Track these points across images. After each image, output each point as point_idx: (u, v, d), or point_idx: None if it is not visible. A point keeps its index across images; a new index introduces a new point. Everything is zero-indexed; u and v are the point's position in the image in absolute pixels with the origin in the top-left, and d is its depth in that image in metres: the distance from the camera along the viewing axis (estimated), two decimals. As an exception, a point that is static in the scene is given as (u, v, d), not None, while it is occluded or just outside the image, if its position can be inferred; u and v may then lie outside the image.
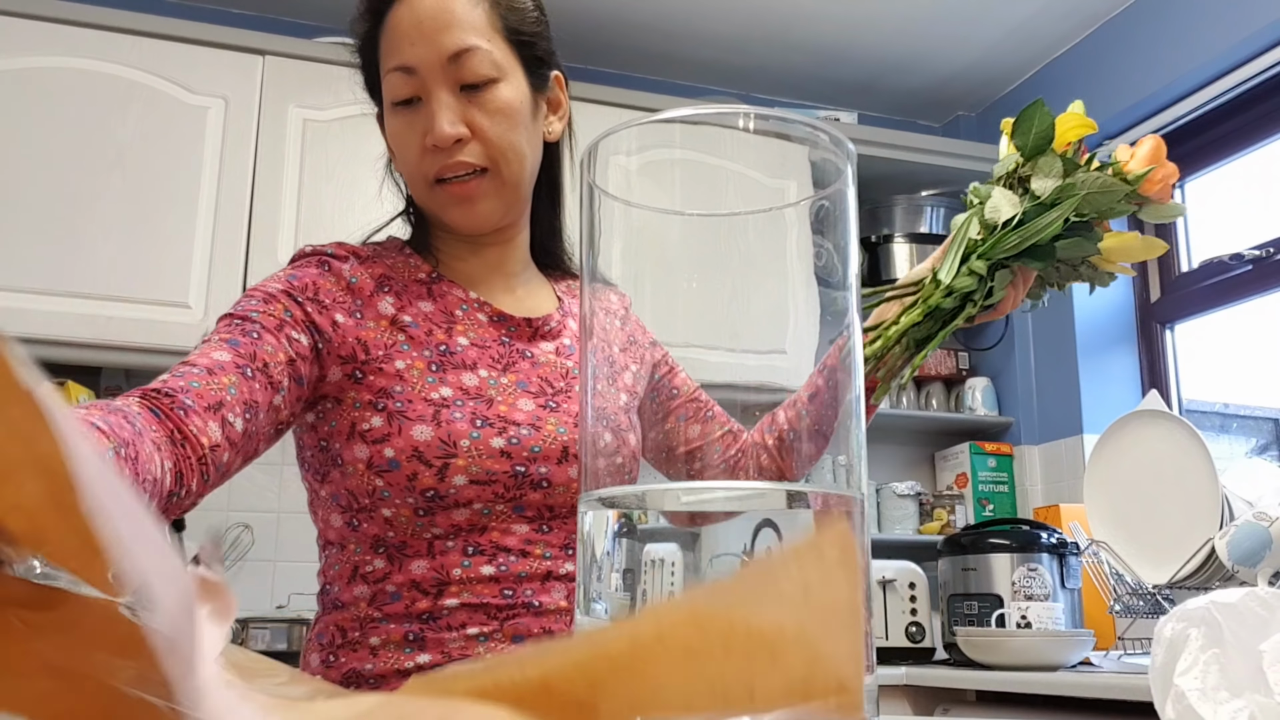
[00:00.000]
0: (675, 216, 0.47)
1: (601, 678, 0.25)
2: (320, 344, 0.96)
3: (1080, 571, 2.47)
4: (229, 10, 3.02)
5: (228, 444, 0.85)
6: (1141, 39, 2.95)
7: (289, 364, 0.92)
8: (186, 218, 2.50)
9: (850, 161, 0.46)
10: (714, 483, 0.46)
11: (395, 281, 1.04)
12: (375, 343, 0.98)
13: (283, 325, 0.94)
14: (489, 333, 1.04)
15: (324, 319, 0.97)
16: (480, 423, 0.96)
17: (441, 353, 1.00)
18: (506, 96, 1.00)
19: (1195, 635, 0.37)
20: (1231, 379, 3.06)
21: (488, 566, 0.95)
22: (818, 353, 0.46)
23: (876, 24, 3.11)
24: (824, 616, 0.25)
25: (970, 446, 3.23)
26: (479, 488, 0.94)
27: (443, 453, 0.94)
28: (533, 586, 0.96)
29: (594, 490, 0.45)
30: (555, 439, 0.98)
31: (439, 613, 0.94)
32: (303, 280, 0.99)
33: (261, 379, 0.90)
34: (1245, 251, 2.80)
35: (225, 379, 0.86)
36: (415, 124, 1.00)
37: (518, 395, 1.00)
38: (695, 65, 3.32)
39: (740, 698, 0.24)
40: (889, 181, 3.25)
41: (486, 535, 0.96)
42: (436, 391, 0.96)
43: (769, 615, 0.25)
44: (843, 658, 0.24)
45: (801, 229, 0.46)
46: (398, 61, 1.00)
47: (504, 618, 0.94)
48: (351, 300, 1.00)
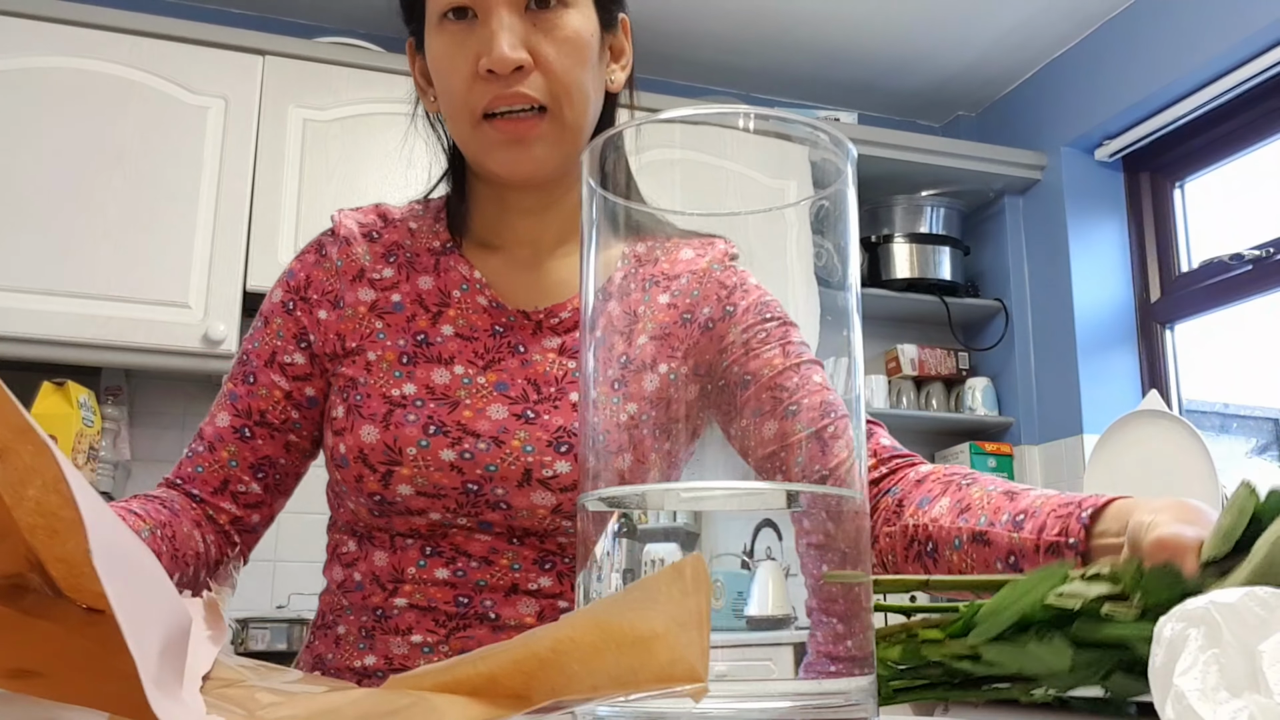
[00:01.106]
0: (675, 216, 0.47)
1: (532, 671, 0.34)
2: (312, 346, 0.94)
3: (1080, 571, 2.46)
4: (229, 10, 3.02)
5: (247, 509, 0.92)
6: (1141, 39, 2.95)
7: (286, 398, 0.93)
8: (186, 218, 2.50)
9: (850, 161, 0.46)
10: (714, 483, 0.46)
11: (404, 252, 0.95)
12: (351, 333, 0.92)
13: (275, 354, 0.94)
14: (481, 320, 0.92)
15: (310, 319, 0.94)
16: (433, 429, 0.86)
17: (418, 343, 0.91)
18: (576, 25, 0.87)
19: (1195, 635, 0.37)
20: (1231, 379, 3.06)
21: (443, 570, 0.87)
22: (818, 353, 0.46)
23: (876, 24, 3.11)
24: (682, 621, 0.33)
25: (970, 446, 3.23)
26: (428, 499, 0.86)
27: (387, 458, 0.86)
28: (493, 598, 0.86)
29: (594, 490, 0.45)
30: (517, 459, 0.86)
31: (390, 611, 0.88)
32: (298, 277, 0.96)
33: (262, 432, 0.92)
34: (1245, 251, 2.80)
35: (225, 452, 0.92)
36: (468, 43, 0.86)
37: (490, 400, 0.88)
38: (695, 65, 3.31)
39: (628, 681, 0.33)
40: (889, 181, 3.25)
41: (448, 539, 0.87)
42: (399, 388, 0.89)
43: (647, 621, 0.33)
44: (696, 652, 0.33)
45: (801, 229, 0.46)
46: None
47: (453, 628, 0.86)
48: (338, 287, 0.94)
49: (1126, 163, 3.20)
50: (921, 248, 3.26)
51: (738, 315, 0.81)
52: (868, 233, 3.28)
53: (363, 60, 2.74)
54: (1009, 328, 3.30)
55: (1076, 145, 3.19)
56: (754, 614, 0.42)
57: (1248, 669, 0.36)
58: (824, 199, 0.46)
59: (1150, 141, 3.04)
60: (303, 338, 0.94)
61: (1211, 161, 2.99)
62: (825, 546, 0.43)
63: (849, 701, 0.41)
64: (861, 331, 0.46)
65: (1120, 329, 3.13)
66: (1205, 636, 0.37)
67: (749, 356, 0.80)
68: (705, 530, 0.43)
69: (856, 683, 0.42)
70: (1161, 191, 3.16)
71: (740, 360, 0.79)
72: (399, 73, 2.75)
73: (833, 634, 0.42)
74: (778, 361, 0.77)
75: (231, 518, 0.92)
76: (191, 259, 2.49)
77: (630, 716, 0.40)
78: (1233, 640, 0.37)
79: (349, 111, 2.68)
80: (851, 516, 0.44)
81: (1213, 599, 0.38)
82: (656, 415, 0.45)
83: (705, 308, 0.75)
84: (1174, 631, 0.38)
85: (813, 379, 0.73)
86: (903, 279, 3.23)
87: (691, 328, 0.74)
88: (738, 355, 0.80)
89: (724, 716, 0.39)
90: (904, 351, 3.30)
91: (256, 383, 0.93)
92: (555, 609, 0.87)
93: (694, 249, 0.79)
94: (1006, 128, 3.42)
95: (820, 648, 0.42)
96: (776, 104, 3.43)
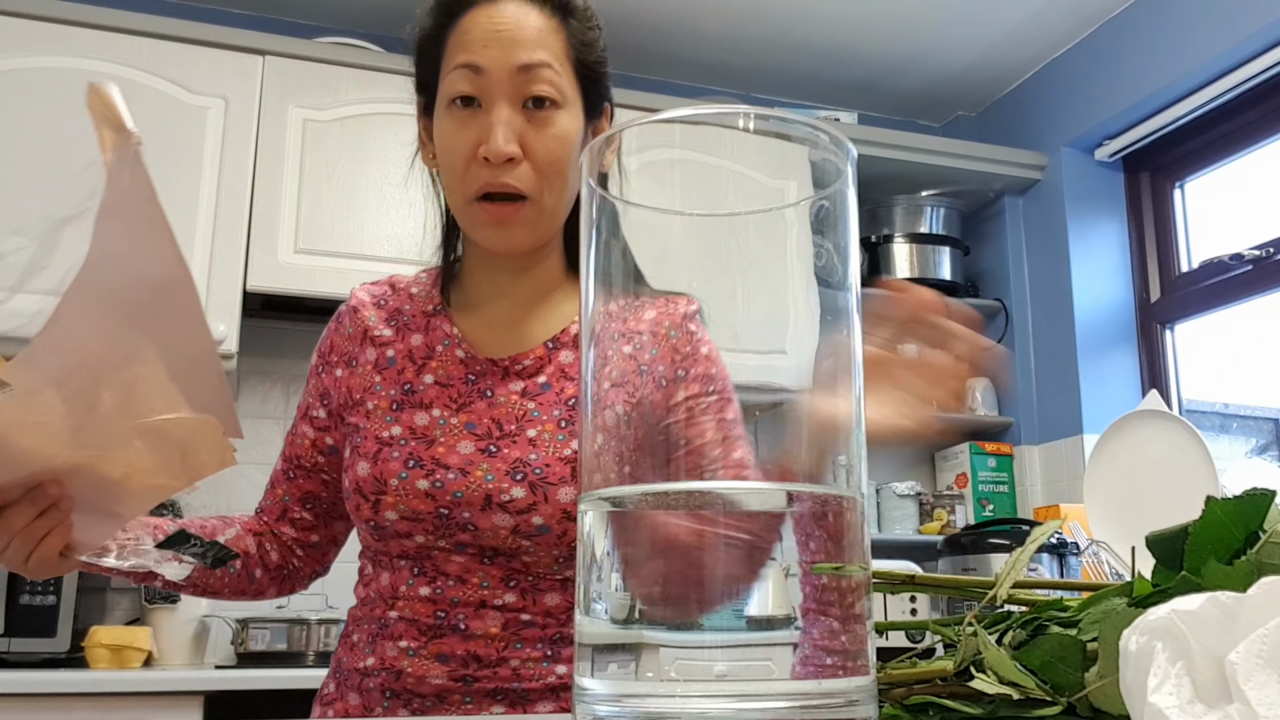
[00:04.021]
0: (675, 216, 0.47)
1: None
2: (332, 402, 1.12)
3: (1081, 571, 2.47)
4: (229, 10, 3.02)
5: (304, 532, 1.15)
6: (1141, 39, 2.95)
7: (313, 445, 1.12)
8: (186, 218, 2.50)
9: (850, 161, 0.46)
10: (714, 483, 0.46)
11: (403, 315, 1.12)
12: (357, 386, 1.09)
13: (307, 408, 1.14)
14: (456, 370, 1.06)
15: (330, 379, 1.12)
16: (412, 463, 1.01)
17: (405, 392, 1.06)
18: (565, 125, 1.01)
19: (1160, 648, 0.37)
20: (1231, 379, 3.06)
21: (425, 588, 1.00)
22: (817, 353, 0.46)
23: (876, 24, 3.11)
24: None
25: (970, 446, 3.23)
26: (410, 523, 1.00)
27: (375, 489, 1.01)
28: (465, 612, 0.99)
29: (594, 490, 0.45)
30: (479, 486, 0.99)
31: (387, 621, 1.02)
32: (325, 343, 1.15)
33: (300, 474, 1.13)
34: (1245, 251, 2.80)
35: (280, 489, 1.15)
36: (469, 127, 1.00)
37: (460, 437, 1.02)
38: (695, 65, 3.31)
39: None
40: (889, 181, 3.25)
41: (431, 560, 1.01)
42: (388, 430, 1.04)
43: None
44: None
45: (801, 229, 0.46)
46: (467, 59, 1.00)
47: (431, 636, 0.99)
48: (351, 349, 1.11)
49: (1126, 163, 3.20)
50: (921, 248, 3.26)
51: (687, 380, 0.95)
52: (868, 233, 3.28)
53: (363, 60, 2.74)
54: (1009, 328, 3.30)
55: (1076, 145, 3.19)
56: (754, 614, 0.42)
57: (1218, 676, 0.36)
58: (824, 199, 0.46)
59: (1150, 141, 3.04)
60: (325, 395, 1.12)
61: (1211, 161, 2.99)
62: (824, 547, 0.43)
63: (849, 701, 0.41)
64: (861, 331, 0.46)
65: (1120, 329, 3.13)
66: (1171, 649, 0.37)
67: (689, 423, 0.93)
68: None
69: (856, 682, 0.42)
70: (1161, 191, 3.16)
71: (682, 423, 0.91)
72: (399, 73, 2.75)
73: (829, 631, 0.42)
74: (710, 434, 0.91)
75: (291, 538, 1.14)
76: (191, 259, 2.48)
77: (630, 716, 0.40)
78: (1199, 649, 0.36)
79: (349, 111, 2.68)
80: (851, 517, 0.44)
81: (1174, 607, 0.37)
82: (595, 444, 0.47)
83: (660, 365, 0.88)
84: (1139, 645, 0.37)
85: (732, 455, 0.89)
86: (903, 279, 3.23)
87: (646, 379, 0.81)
88: (681, 418, 0.93)
89: (724, 716, 0.39)
90: (904, 351, 3.30)
91: (295, 432, 1.14)
92: (518, 621, 0.99)
93: (657, 309, 0.91)
94: (1006, 128, 3.42)
95: (817, 643, 0.42)
96: (776, 104, 3.43)
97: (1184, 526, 0.46)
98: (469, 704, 0.97)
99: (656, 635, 0.41)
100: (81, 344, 0.66)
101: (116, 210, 0.63)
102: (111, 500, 0.82)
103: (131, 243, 0.64)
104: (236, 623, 2.43)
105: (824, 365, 0.46)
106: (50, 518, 0.83)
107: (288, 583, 1.16)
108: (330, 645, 2.44)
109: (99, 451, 0.75)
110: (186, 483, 0.78)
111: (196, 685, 2.09)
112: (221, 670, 2.24)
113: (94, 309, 0.65)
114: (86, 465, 0.77)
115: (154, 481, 0.78)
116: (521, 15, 1.01)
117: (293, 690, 2.12)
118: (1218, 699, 0.35)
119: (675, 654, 0.41)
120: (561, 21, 1.02)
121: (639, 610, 0.42)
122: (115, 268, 0.64)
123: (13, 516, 0.82)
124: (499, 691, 0.97)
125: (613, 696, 0.41)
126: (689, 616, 0.42)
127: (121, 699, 2.04)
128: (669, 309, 0.93)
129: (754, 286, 0.48)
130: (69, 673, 2.10)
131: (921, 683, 0.51)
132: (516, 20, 1.00)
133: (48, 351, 0.65)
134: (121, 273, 0.65)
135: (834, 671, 0.41)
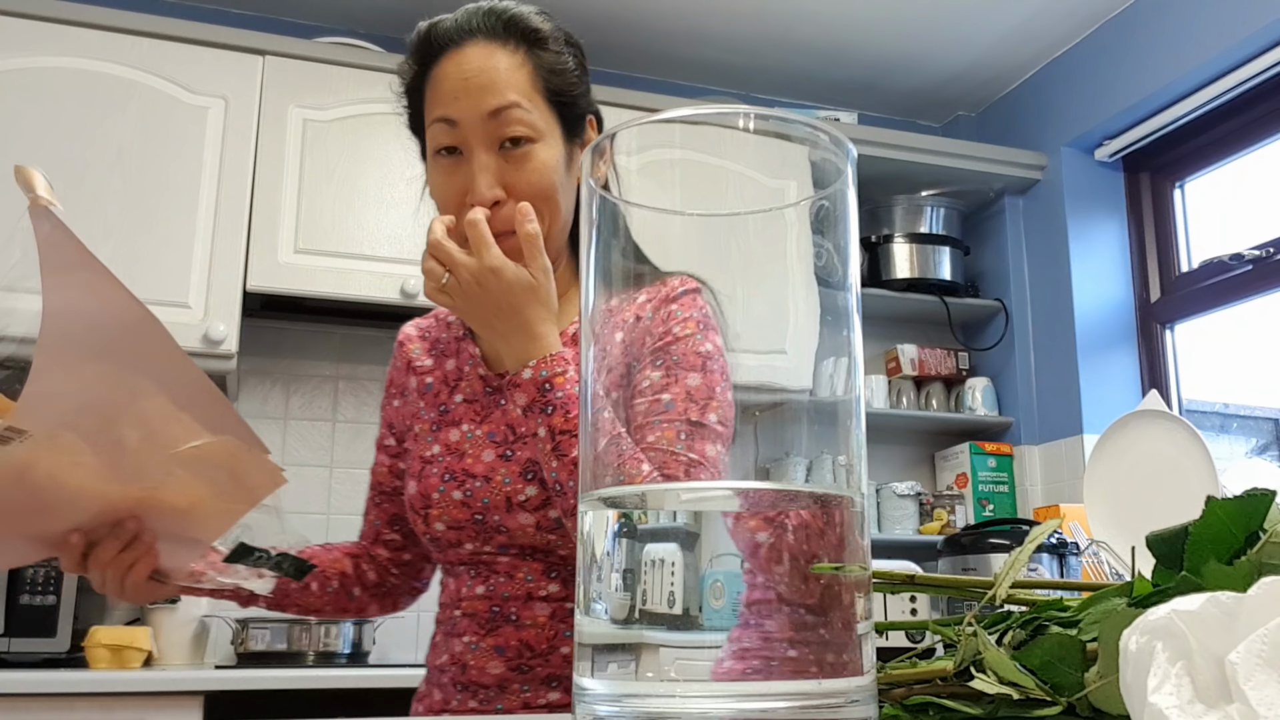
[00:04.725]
0: (675, 216, 0.47)
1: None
2: (395, 431, 1.22)
3: (1081, 571, 2.47)
4: (229, 10, 3.02)
5: (396, 551, 1.23)
6: (1141, 39, 2.95)
7: (389, 471, 1.22)
8: (186, 218, 2.50)
9: (850, 161, 0.46)
10: (714, 483, 0.46)
11: (441, 344, 1.20)
12: (407, 414, 1.19)
13: (382, 438, 1.24)
14: (479, 386, 1.13)
15: (391, 410, 1.23)
16: (447, 477, 1.08)
17: (441, 413, 1.14)
18: (543, 158, 1.04)
19: (1160, 649, 0.37)
20: (1231, 379, 3.06)
21: (481, 587, 1.08)
22: (818, 353, 0.46)
23: (876, 24, 3.11)
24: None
25: (970, 446, 3.23)
26: (456, 532, 1.08)
27: (423, 504, 1.10)
28: (516, 605, 1.06)
29: (594, 490, 0.45)
30: (500, 490, 1.05)
31: (455, 621, 1.09)
32: (388, 377, 1.25)
33: (384, 499, 1.23)
34: (1245, 251, 2.80)
35: (370, 516, 1.24)
36: (455, 175, 1.05)
37: (484, 447, 1.09)
38: (695, 65, 3.31)
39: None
40: (889, 181, 3.25)
41: (483, 563, 1.09)
42: (429, 449, 1.12)
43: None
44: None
45: (801, 229, 0.46)
46: (441, 113, 1.04)
47: (488, 629, 1.06)
48: (403, 381, 1.21)
49: (1126, 163, 3.20)
50: (921, 248, 3.26)
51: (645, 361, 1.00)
52: (868, 233, 3.28)
53: (363, 60, 2.74)
54: (1009, 328, 3.30)
55: (1076, 145, 3.19)
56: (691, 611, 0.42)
57: (1218, 676, 0.36)
58: (824, 199, 0.46)
59: (1150, 141, 3.04)
60: (391, 425, 1.23)
61: (1211, 161, 2.99)
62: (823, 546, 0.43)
63: (849, 701, 0.41)
64: (861, 331, 0.46)
65: (1120, 329, 3.13)
66: (1171, 649, 0.37)
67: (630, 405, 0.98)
68: (705, 530, 0.43)
69: (856, 682, 0.42)
70: (1161, 191, 3.16)
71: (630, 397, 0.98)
72: (399, 73, 2.75)
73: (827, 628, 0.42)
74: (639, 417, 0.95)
75: (386, 559, 1.23)
76: (191, 259, 2.49)
77: (630, 716, 0.40)
78: (1199, 649, 0.36)
79: (349, 111, 2.68)
80: (851, 517, 0.44)
81: (1174, 607, 0.37)
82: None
83: (634, 349, 0.97)
84: (1139, 645, 0.37)
85: (647, 438, 0.94)
86: (903, 279, 3.23)
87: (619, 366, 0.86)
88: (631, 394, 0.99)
89: (724, 716, 0.39)
90: (904, 351, 3.30)
91: (376, 461, 1.24)
92: (564, 609, 1.05)
93: (648, 293, 0.99)
94: (1006, 128, 3.42)
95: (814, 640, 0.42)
96: (776, 104, 3.43)
97: (1184, 526, 0.45)
98: (526, 691, 1.03)
99: (656, 635, 0.41)
100: (73, 389, 0.72)
101: (54, 267, 0.68)
102: (186, 528, 0.92)
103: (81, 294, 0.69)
104: (236, 623, 2.43)
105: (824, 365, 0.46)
106: (134, 549, 0.94)
107: (389, 599, 1.25)
108: (330, 645, 2.45)
109: (148, 484, 0.84)
110: (249, 504, 0.88)
111: (196, 685, 2.09)
112: (221, 670, 2.24)
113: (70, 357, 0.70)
114: (150, 499, 0.87)
115: (219, 506, 0.87)
116: (486, 58, 1.04)
117: (293, 690, 2.13)
118: (1218, 699, 0.35)
119: (675, 654, 0.41)
120: (528, 53, 1.05)
121: (639, 610, 0.42)
122: (75, 318, 0.69)
123: (101, 552, 0.93)
124: (553, 678, 1.03)
125: (613, 696, 0.41)
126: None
127: (121, 699, 2.04)
128: (658, 291, 1.00)
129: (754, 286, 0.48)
130: (69, 673, 2.10)
131: (921, 683, 0.51)
132: (481, 65, 1.04)
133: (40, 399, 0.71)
134: (83, 321, 0.70)
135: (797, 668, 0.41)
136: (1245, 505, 0.44)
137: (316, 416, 2.87)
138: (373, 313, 2.71)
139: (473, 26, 1.05)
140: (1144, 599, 0.46)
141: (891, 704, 0.52)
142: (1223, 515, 0.44)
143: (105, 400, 0.73)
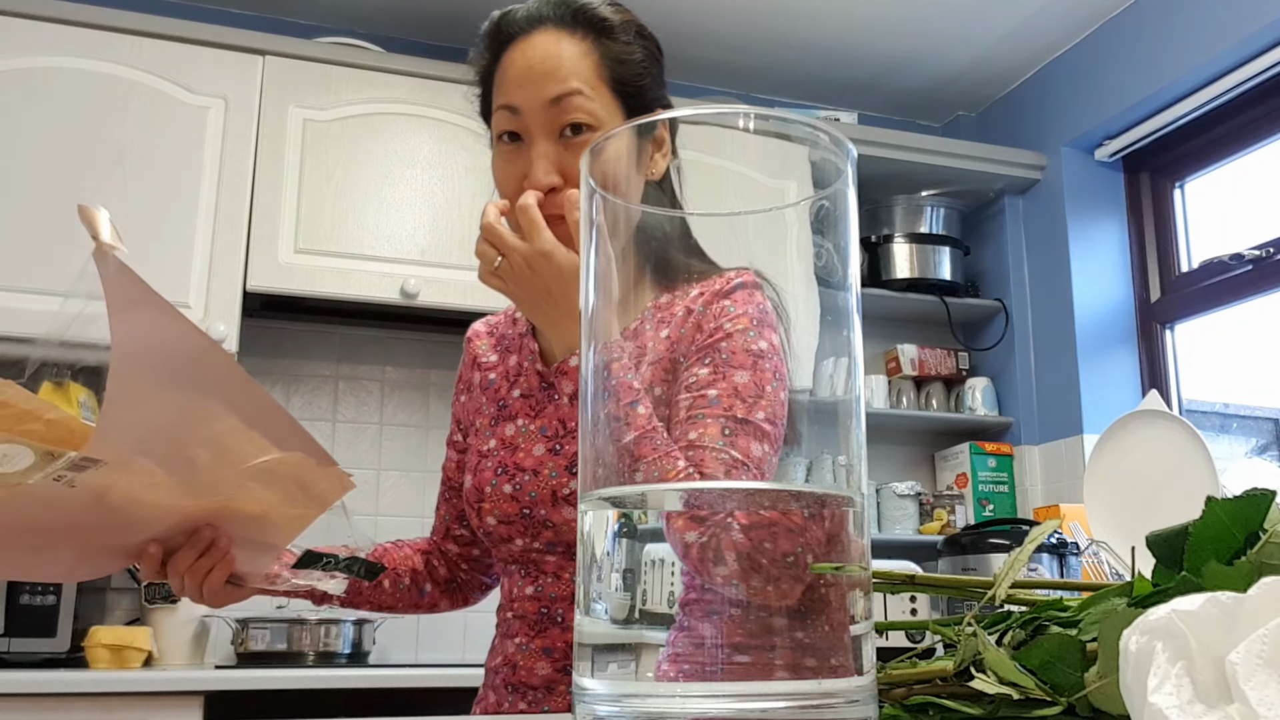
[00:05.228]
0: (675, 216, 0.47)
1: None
2: (461, 426, 1.23)
3: (1081, 571, 2.47)
4: (229, 10, 3.01)
5: (465, 547, 1.24)
6: (1141, 39, 2.95)
7: (457, 466, 1.23)
8: (186, 218, 2.50)
9: (850, 161, 0.46)
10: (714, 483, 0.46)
11: (506, 340, 1.20)
12: (470, 409, 1.21)
13: (451, 434, 1.25)
14: (534, 381, 1.13)
15: (459, 406, 1.25)
16: (500, 471, 1.09)
17: (499, 408, 1.15)
18: None
19: (1160, 649, 0.37)
20: (1231, 379, 3.06)
21: (530, 587, 1.08)
22: (817, 353, 0.46)
23: (876, 24, 3.11)
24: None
25: (970, 446, 3.23)
26: (506, 526, 1.08)
27: (477, 498, 1.10)
28: (563, 606, 1.06)
29: (594, 490, 0.45)
30: (546, 483, 1.06)
31: (507, 623, 1.10)
32: (458, 374, 1.26)
33: (453, 494, 1.24)
34: (1245, 251, 2.80)
35: (442, 511, 1.25)
36: (515, 161, 1.05)
37: (536, 441, 1.09)
38: (695, 65, 3.31)
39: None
40: (889, 181, 3.24)
41: (532, 562, 1.09)
42: (486, 444, 1.13)
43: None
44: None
45: (801, 229, 0.46)
46: (505, 100, 1.05)
47: (537, 630, 1.07)
48: (470, 376, 1.23)
49: (1126, 163, 3.20)
50: (921, 248, 3.26)
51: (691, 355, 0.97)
52: (868, 233, 3.28)
53: (363, 60, 2.74)
54: (1009, 328, 3.30)
55: (1076, 145, 3.19)
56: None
57: (1218, 676, 0.36)
58: (824, 199, 0.46)
59: (1150, 141, 3.04)
60: (459, 421, 1.24)
61: (1211, 161, 2.98)
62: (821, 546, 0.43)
63: (849, 701, 0.41)
64: (861, 331, 0.46)
65: (1120, 329, 3.13)
66: (1172, 649, 0.37)
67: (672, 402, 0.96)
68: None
69: (856, 682, 0.42)
70: (1161, 191, 3.16)
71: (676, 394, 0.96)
72: (399, 73, 2.75)
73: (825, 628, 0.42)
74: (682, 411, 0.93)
75: (456, 554, 1.24)
76: (191, 259, 2.49)
77: (630, 716, 0.40)
78: (1200, 650, 0.36)
79: (349, 111, 2.68)
80: (851, 517, 0.44)
81: (1174, 608, 0.37)
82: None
83: (681, 345, 0.96)
84: (1139, 645, 0.37)
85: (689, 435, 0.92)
86: (903, 279, 3.23)
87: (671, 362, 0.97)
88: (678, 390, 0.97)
89: (724, 716, 0.39)
90: (904, 351, 3.30)
91: (446, 457, 1.25)
92: None
93: (703, 286, 0.98)
94: (1006, 128, 3.42)
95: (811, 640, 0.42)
96: (776, 104, 3.42)
97: (1184, 526, 0.45)
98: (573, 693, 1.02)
99: (656, 635, 0.41)
100: (146, 419, 0.75)
101: (119, 306, 0.73)
102: (260, 533, 0.94)
103: (149, 329, 0.73)
104: (236, 623, 2.43)
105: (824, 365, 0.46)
106: (211, 555, 0.96)
107: (459, 594, 1.26)
108: (330, 645, 2.45)
109: (223, 496, 0.86)
110: (320, 509, 0.89)
111: (196, 685, 2.09)
112: (221, 670, 2.24)
113: (139, 388, 0.74)
114: (224, 508, 0.89)
115: (291, 512, 0.89)
116: (553, 45, 1.05)
117: (293, 690, 2.13)
118: (1218, 699, 0.35)
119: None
120: (595, 42, 1.05)
121: (639, 610, 0.42)
122: (144, 351, 0.73)
123: (179, 559, 0.96)
124: None
125: (613, 696, 0.41)
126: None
127: (121, 699, 2.04)
128: (712, 285, 0.98)
129: (754, 286, 0.47)
130: (69, 673, 2.10)
131: (921, 683, 0.51)
132: (547, 52, 1.04)
133: (115, 430, 0.74)
134: (152, 354, 0.74)
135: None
136: (1245, 505, 0.44)
137: (316, 416, 2.87)
138: (372, 313, 2.70)
139: (542, 15, 1.06)
140: (1144, 599, 0.46)
141: (891, 704, 0.52)
142: (1223, 515, 0.44)
143: (176, 425, 0.76)
